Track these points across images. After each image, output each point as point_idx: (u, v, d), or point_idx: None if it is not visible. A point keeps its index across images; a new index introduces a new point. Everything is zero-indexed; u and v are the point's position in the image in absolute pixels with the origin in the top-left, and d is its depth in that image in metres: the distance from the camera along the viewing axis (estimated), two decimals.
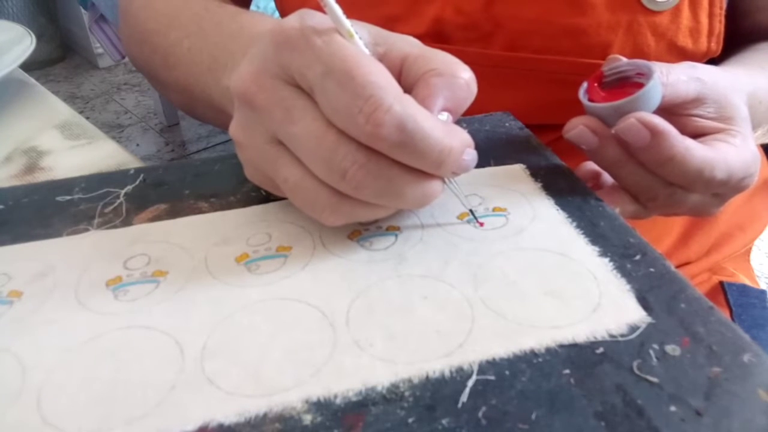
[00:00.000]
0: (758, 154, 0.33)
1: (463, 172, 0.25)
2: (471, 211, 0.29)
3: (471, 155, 0.25)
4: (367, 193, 0.24)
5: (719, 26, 0.41)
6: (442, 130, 0.24)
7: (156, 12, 0.45)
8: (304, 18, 0.24)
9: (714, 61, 0.43)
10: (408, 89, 0.25)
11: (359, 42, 0.25)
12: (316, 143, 0.24)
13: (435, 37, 0.43)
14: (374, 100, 0.22)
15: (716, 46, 0.42)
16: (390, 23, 0.44)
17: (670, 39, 0.41)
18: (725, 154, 0.31)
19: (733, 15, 0.42)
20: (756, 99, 0.37)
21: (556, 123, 0.41)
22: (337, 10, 0.24)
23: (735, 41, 0.45)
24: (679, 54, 0.41)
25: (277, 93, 0.25)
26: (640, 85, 0.30)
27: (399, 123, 0.22)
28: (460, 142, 0.24)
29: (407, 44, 0.27)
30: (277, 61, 0.25)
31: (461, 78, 0.25)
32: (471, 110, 0.28)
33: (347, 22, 0.24)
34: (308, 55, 0.24)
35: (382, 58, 0.26)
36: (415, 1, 0.43)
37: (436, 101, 0.25)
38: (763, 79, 0.39)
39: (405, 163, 0.24)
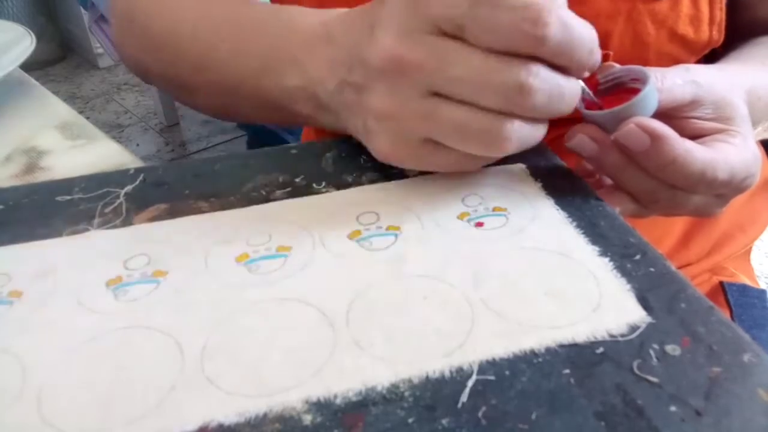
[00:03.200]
0: (758, 153, 0.33)
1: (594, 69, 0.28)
2: (583, 89, 0.30)
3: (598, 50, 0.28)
4: (540, 101, 0.26)
5: (720, 14, 0.41)
6: (581, 20, 0.26)
7: (174, 19, 0.44)
8: None
9: (715, 54, 0.43)
10: None
11: None
12: (480, 73, 0.25)
13: None
14: (533, 6, 0.24)
15: (718, 35, 0.41)
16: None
17: (671, 27, 0.40)
18: (726, 154, 0.31)
19: (733, 8, 0.42)
20: (755, 95, 0.37)
21: (555, 120, 0.41)
22: None
23: (735, 35, 0.45)
24: (680, 43, 0.41)
25: (424, 46, 0.26)
26: (636, 91, 0.30)
27: (561, 20, 0.25)
28: (595, 31, 0.27)
29: None
30: (416, 16, 0.26)
31: None
32: None
33: None
34: None
35: None
36: None
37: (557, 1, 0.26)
38: (762, 74, 0.39)
39: (561, 64, 0.26)
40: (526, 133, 0.27)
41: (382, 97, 0.28)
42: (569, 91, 0.27)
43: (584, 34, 0.26)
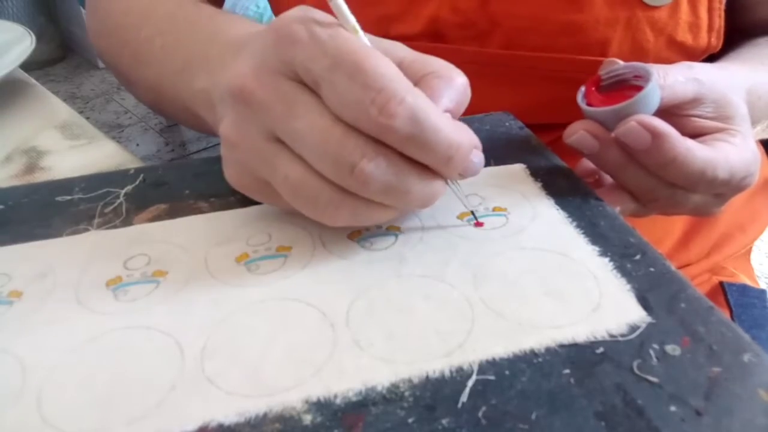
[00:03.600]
0: (758, 152, 0.33)
1: (471, 176, 0.25)
2: (473, 212, 0.29)
3: (478, 157, 0.25)
4: (374, 189, 0.24)
5: (719, 21, 0.41)
6: (451, 125, 0.24)
7: (129, 6, 0.45)
8: (306, 13, 0.24)
9: (714, 56, 0.43)
10: None
11: (363, 37, 0.25)
12: (322, 138, 0.23)
13: (431, 37, 0.43)
14: (387, 91, 0.22)
15: (717, 41, 0.41)
16: (386, 23, 0.43)
17: (670, 34, 0.41)
18: (726, 153, 0.31)
19: (732, 10, 0.42)
20: (755, 95, 0.37)
21: (555, 122, 0.41)
22: (343, 5, 0.24)
23: (734, 36, 0.45)
24: (679, 49, 0.41)
25: (278, 88, 0.24)
26: (638, 88, 0.30)
27: (412, 114, 0.22)
28: (468, 140, 0.24)
29: (401, 49, 0.27)
30: (279, 56, 0.24)
31: (459, 81, 0.26)
32: (469, 109, 0.28)
33: (352, 18, 0.24)
34: (313, 49, 0.23)
35: None
36: (410, 0, 0.43)
37: (440, 101, 0.25)
38: (762, 74, 0.39)
39: (413, 159, 0.24)
40: (362, 213, 0.25)
41: (229, 125, 0.26)
42: (421, 190, 0.24)
43: (442, 137, 0.23)
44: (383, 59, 0.23)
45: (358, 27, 0.24)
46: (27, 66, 0.55)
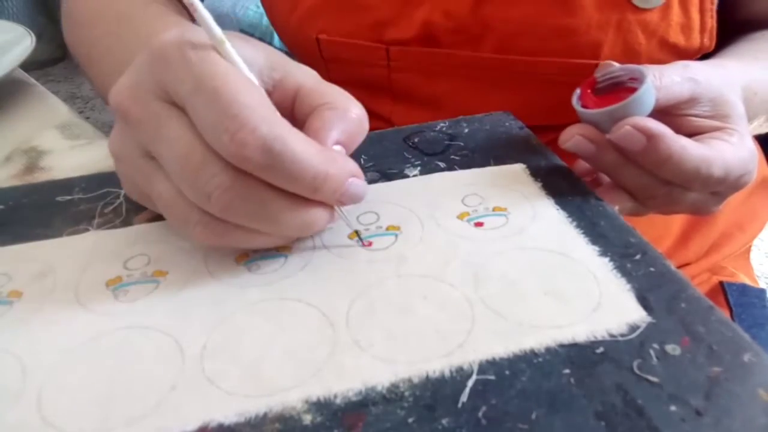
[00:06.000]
0: (755, 151, 0.33)
1: (353, 202, 0.25)
2: (357, 232, 0.28)
3: (357, 185, 0.24)
4: (237, 217, 0.24)
5: (711, 21, 0.41)
6: (318, 155, 0.23)
7: (86, 4, 0.45)
8: (183, 33, 0.24)
9: (707, 54, 0.43)
10: (302, 120, 0.25)
11: (231, 50, 0.24)
12: (181, 164, 0.23)
13: (425, 41, 0.43)
14: (240, 119, 0.22)
15: (709, 42, 0.41)
16: (380, 28, 0.44)
17: (662, 36, 0.41)
18: (722, 151, 0.31)
19: (727, 5, 0.42)
20: (751, 91, 0.37)
21: (549, 124, 0.41)
22: (207, 16, 0.24)
23: (729, 32, 0.45)
24: (671, 51, 0.41)
25: (149, 108, 0.24)
26: (633, 90, 0.30)
27: (264, 144, 0.22)
28: (340, 170, 0.24)
29: (304, 75, 0.26)
30: (153, 76, 0.24)
31: (354, 113, 0.25)
32: (465, 112, 0.28)
33: (218, 31, 0.24)
34: (181, 71, 0.23)
35: (277, 85, 0.26)
36: (403, 5, 0.43)
37: (330, 133, 0.24)
38: (758, 69, 0.39)
39: (281, 187, 0.23)
40: (235, 238, 0.25)
41: (113, 138, 0.26)
42: (293, 218, 0.24)
43: (304, 167, 0.22)
44: (246, 85, 0.23)
45: (224, 39, 0.24)
46: (27, 66, 0.55)
